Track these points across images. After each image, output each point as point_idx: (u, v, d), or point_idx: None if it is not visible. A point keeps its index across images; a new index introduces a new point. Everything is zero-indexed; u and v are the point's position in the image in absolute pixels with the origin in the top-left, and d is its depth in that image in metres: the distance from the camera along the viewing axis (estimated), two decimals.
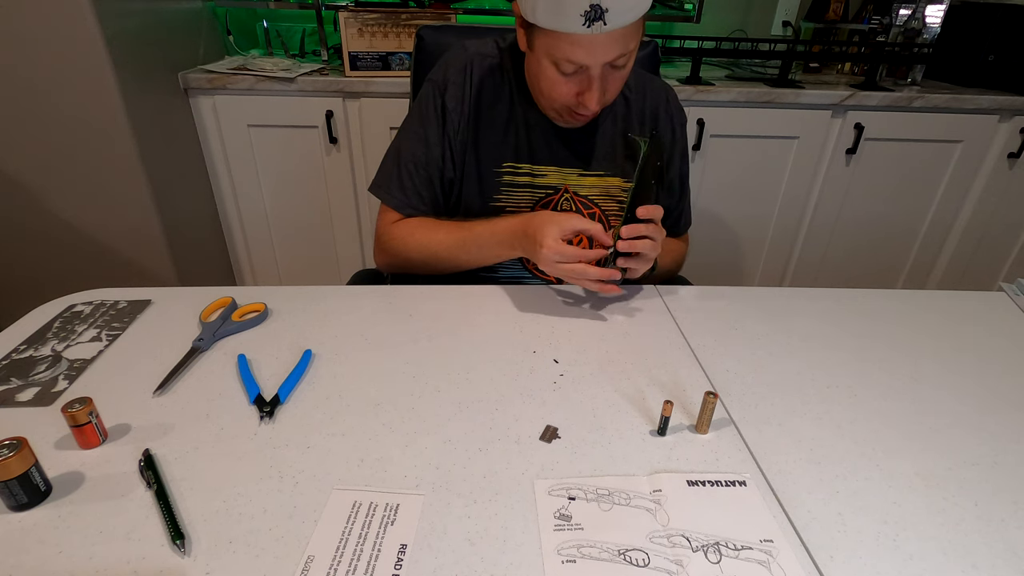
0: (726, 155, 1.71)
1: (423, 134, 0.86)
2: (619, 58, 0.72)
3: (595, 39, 0.69)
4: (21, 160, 1.38)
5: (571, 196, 0.88)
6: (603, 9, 0.66)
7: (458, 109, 0.85)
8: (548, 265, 0.74)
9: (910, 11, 1.78)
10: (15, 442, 0.46)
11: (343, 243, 1.83)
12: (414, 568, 0.44)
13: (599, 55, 0.71)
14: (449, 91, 0.84)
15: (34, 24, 1.24)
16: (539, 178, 0.87)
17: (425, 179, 0.87)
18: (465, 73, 0.85)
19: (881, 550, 0.46)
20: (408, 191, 0.87)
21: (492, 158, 0.86)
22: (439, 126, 0.85)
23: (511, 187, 0.87)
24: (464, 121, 0.85)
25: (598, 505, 0.49)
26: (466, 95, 0.84)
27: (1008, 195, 1.81)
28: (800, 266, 1.93)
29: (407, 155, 0.87)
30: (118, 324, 0.73)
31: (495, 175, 0.86)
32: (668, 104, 0.92)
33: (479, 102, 0.85)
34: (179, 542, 0.44)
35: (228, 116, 1.60)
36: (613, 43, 0.70)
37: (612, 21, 0.67)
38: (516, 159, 0.87)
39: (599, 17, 0.66)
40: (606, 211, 0.90)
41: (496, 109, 0.86)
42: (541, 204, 0.88)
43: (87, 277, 1.54)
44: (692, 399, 0.63)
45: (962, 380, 0.68)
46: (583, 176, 0.88)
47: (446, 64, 0.87)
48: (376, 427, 0.57)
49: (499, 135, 0.86)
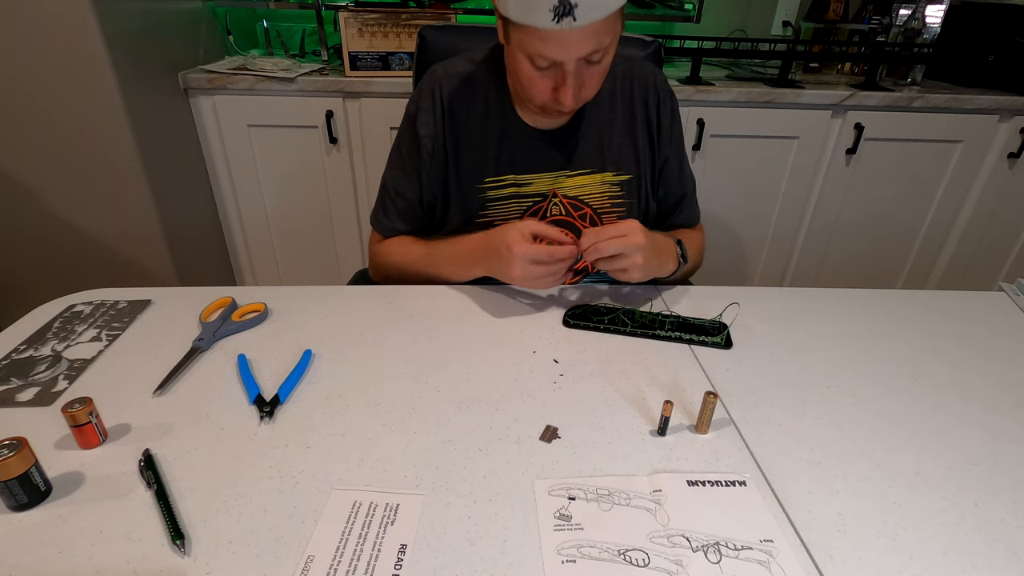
0: (726, 155, 1.71)
1: (403, 163, 0.90)
2: (593, 53, 0.71)
3: (566, 34, 0.68)
4: (21, 160, 1.38)
5: (560, 200, 0.88)
6: (572, 4, 0.65)
7: (430, 135, 0.85)
8: (520, 267, 0.72)
9: (910, 11, 1.78)
10: (15, 442, 0.46)
11: (343, 243, 1.83)
12: (414, 568, 0.44)
13: (571, 50, 0.70)
14: (420, 118, 0.86)
15: (34, 24, 1.24)
16: (524, 187, 0.87)
17: (407, 206, 0.91)
18: (434, 97, 0.85)
19: (881, 550, 0.46)
20: (392, 217, 0.92)
21: (473, 175, 0.86)
22: (415, 155, 0.87)
23: (496, 200, 0.87)
24: (438, 145, 0.86)
25: (598, 505, 0.49)
26: (436, 119, 0.85)
27: (1008, 195, 1.81)
28: (800, 266, 1.93)
29: (391, 184, 0.92)
30: (118, 324, 0.73)
31: (478, 191, 0.86)
32: (657, 87, 0.90)
33: (452, 122, 0.85)
34: (179, 542, 0.44)
35: (228, 116, 1.60)
36: (585, 38, 0.69)
37: (582, 17, 0.66)
38: (497, 172, 0.86)
39: (568, 12, 0.66)
40: (598, 209, 0.89)
41: (470, 125, 0.86)
42: (530, 212, 0.87)
43: (87, 277, 1.54)
44: (692, 399, 0.63)
45: (962, 380, 0.68)
46: (570, 176, 0.87)
47: (418, 91, 0.88)
48: (376, 427, 0.57)
49: (477, 151, 0.86)
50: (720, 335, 0.72)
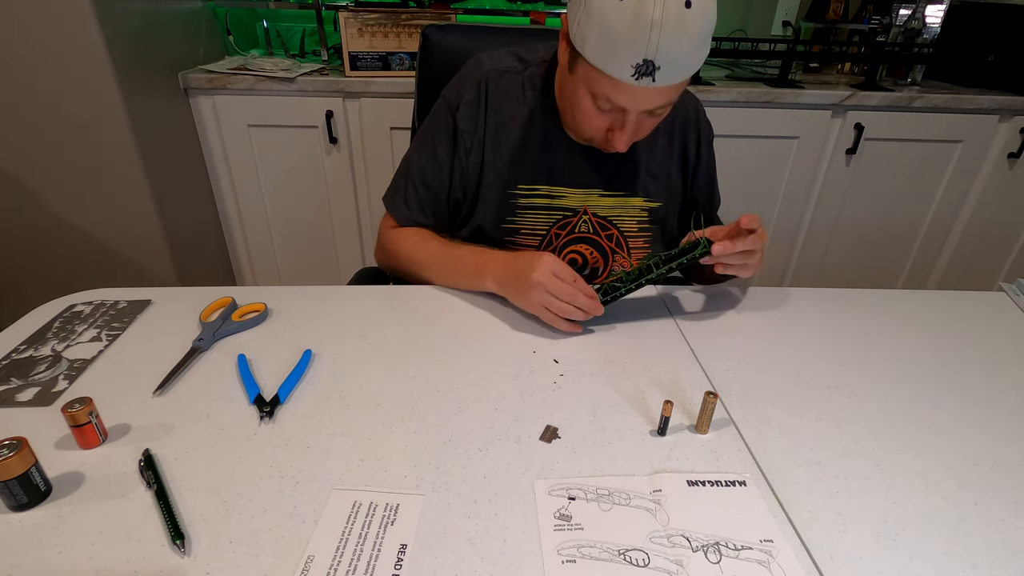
0: (726, 155, 1.69)
1: (433, 151, 0.86)
2: (659, 108, 0.71)
3: (641, 90, 0.67)
4: (21, 160, 1.38)
5: (590, 218, 0.86)
6: (655, 66, 0.64)
7: (470, 130, 0.82)
8: (537, 289, 0.70)
9: (910, 11, 1.78)
10: (15, 442, 0.46)
11: (343, 243, 1.83)
12: (414, 568, 0.44)
13: (641, 104, 0.69)
14: (462, 110, 0.82)
15: (34, 24, 1.24)
16: (557, 200, 0.85)
17: (431, 196, 0.87)
18: (479, 91, 0.82)
19: (881, 550, 0.46)
20: (412, 206, 0.88)
21: (507, 179, 0.84)
22: (450, 146, 0.84)
23: (527, 209, 0.85)
24: (478, 142, 0.83)
25: (598, 505, 0.49)
26: (480, 115, 0.82)
27: (1008, 195, 1.81)
28: (800, 266, 1.93)
29: (415, 169, 0.88)
30: (118, 324, 0.73)
31: (510, 196, 0.84)
32: (698, 121, 0.90)
33: (494, 122, 0.83)
34: (179, 542, 0.44)
35: (228, 116, 1.60)
36: (658, 96, 0.68)
37: (661, 79, 0.65)
38: (532, 180, 0.84)
39: (649, 73, 0.64)
40: (624, 232, 0.88)
41: (511, 128, 0.83)
42: (559, 226, 0.86)
43: (87, 277, 1.54)
44: (692, 399, 0.63)
45: (962, 380, 0.68)
46: (603, 196, 0.86)
47: (461, 80, 0.85)
48: (376, 427, 0.57)
49: (515, 156, 0.84)
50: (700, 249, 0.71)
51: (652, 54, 0.63)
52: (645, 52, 0.63)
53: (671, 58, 0.64)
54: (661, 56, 0.63)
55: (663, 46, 0.62)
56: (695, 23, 0.63)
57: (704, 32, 0.64)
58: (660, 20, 0.61)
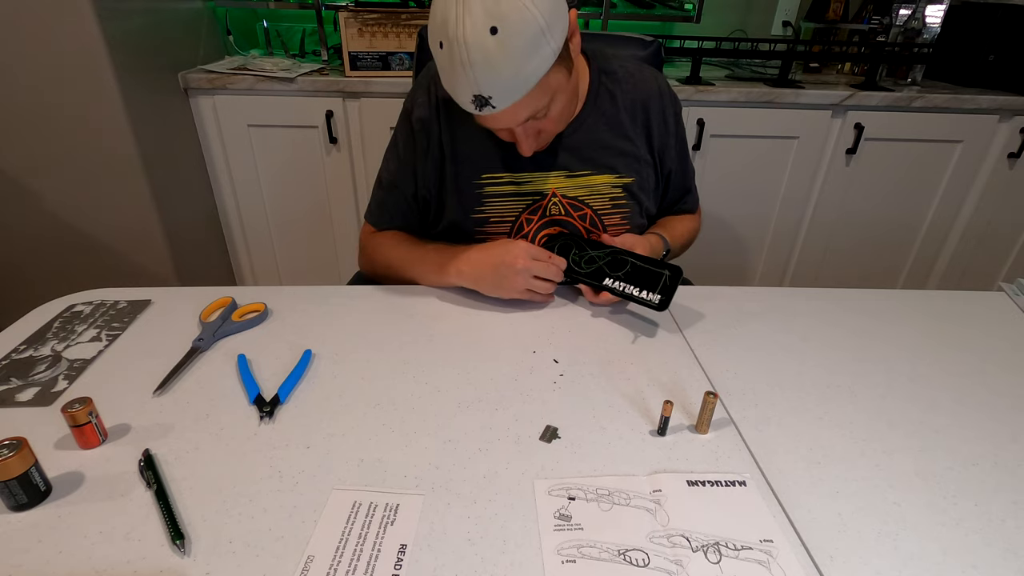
0: (726, 155, 1.71)
1: (398, 156, 0.90)
2: (532, 116, 0.72)
3: (495, 116, 0.70)
4: (21, 160, 1.38)
5: (559, 200, 0.88)
6: (486, 98, 0.66)
7: (424, 130, 0.85)
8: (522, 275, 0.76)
9: (910, 11, 1.78)
10: (15, 442, 0.46)
11: (343, 243, 1.83)
12: (414, 568, 0.44)
13: (504, 123, 0.72)
14: (415, 113, 0.86)
15: (34, 24, 1.24)
16: (524, 185, 0.87)
17: (399, 200, 0.91)
18: (429, 93, 0.85)
19: (881, 550, 0.46)
20: (384, 211, 0.93)
21: (470, 171, 0.86)
22: (411, 148, 0.87)
23: (494, 197, 0.87)
24: (434, 140, 0.86)
25: (598, 505, 0.49)
26: (432, 115, 0.85)
27: (1008, 195, 1.81)
28: (800, 266, 1.93)
29: (385, 176, 0.92)
30: (118, 324, 0.73)
31: (476, 187, 0.86)
32: (661, 93, 0.90)
33: (449, 118, 0.85)
34: (179, 542, 0.44)
35: (228, 116, 1.60)
36: (516, 112, 0.70)
37: (501, 104, 0.67)
38: (495, 169, 0.86)
39: (485, 104, 0.67)
40: (598, 211, 0.89)
41: (467, 123, 0.84)
42: (530, 211, 0.87)
43: (87, 277, 1.54)
44: (692, 399, 0.63)
45: (962, 380, 0.68)
46: (569, 177, 0.87)
47: (414, 87, 0.88)
48: (376, 427, 0.57)
49: (475, 148, 0.86)
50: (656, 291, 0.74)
51: (478, 89, 0.66)
52: (473, 88, 0.66)
53: (498, 88, 0.66)
54: (486, 89, 0.66)
55: (483, 81, 0.65)
56: (505, 48, 0.63)
57: (519, 48, 0.63)
58: (469, 61, 0.63)
